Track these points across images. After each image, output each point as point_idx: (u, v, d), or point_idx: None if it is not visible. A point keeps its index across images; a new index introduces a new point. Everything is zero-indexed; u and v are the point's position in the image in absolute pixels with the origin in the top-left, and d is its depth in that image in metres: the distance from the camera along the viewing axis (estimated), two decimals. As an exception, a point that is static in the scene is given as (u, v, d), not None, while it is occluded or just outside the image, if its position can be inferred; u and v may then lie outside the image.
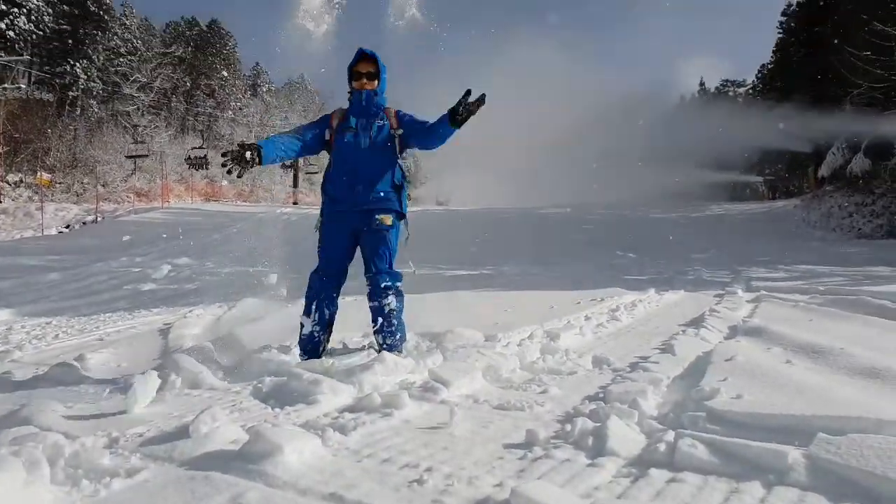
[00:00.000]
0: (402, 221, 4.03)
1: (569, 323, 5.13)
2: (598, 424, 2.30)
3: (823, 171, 30.33)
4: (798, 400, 2.46)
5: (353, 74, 3.96)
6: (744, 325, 4.74)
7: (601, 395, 2.88)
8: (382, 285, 3.85)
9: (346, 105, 4.05)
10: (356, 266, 4.05)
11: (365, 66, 3.94)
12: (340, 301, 4.05)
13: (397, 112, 4.00)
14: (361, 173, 3.87)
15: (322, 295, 3.90)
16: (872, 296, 6.01)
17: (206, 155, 40.07)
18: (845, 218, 22.09)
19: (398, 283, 3.93)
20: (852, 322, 4.84)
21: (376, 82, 3.95)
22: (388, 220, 3.90)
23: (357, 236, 3.96)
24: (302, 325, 3.90)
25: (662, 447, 2.08)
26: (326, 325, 3.93)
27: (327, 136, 3.99)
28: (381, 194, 3.89)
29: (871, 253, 15.40)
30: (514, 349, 3.96)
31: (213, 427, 2.26)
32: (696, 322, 5.22)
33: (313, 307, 3.87)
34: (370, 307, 3.91)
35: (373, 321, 3.91)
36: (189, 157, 40.19)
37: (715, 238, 19.97)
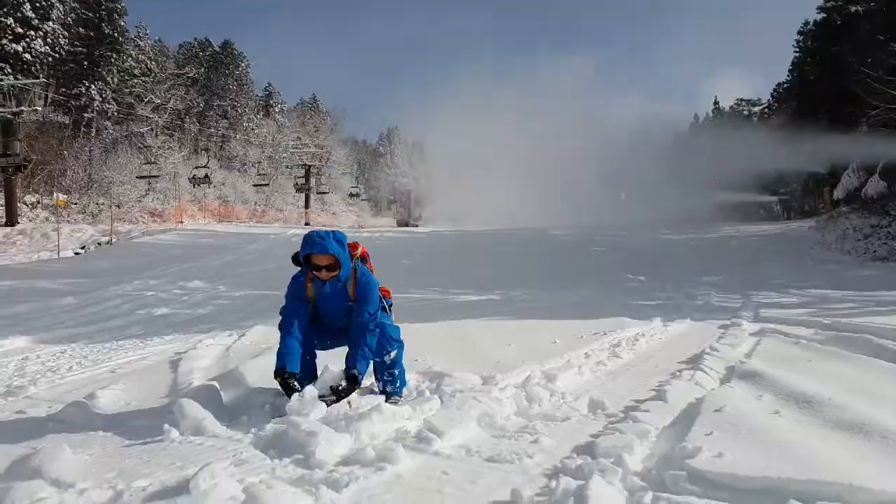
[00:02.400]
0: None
1: (568, 362, 5.21)
2: (581, 483, 2.39)
3: (839, 192, 30.14)
4: (777, 460, 2.53)
5: (310, 264, 3.81)
6: (741, 366, 4.80)
7: (590, 448, 2.96)
8: (372, 326, 3.85)
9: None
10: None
11: (322, 259, 3.76)
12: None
13: (357, 282, 3.91)
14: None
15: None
16: (875, 333, 6.03)
17: (206, 174, 43.43)
18: (860, 240, 21.91)
19: (386, 323, 4.01)
20: (850, 364, 4.86)
21: (337, 270, 3.79)
22: None
23: None
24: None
25: (640, 510, 2.16)
26: (311, 375, 3.92)
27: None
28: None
29: (885, 276, 15.32)
30: (511, 392, 4.04)
31: (212, 484, 2.37)
32: (695, 361, 5.27)
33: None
34: (373, 362, 3.95)
35: (374, 369, 4.01)
36: (193, 177, 43.60)
37: (727, 261, 19.85)
